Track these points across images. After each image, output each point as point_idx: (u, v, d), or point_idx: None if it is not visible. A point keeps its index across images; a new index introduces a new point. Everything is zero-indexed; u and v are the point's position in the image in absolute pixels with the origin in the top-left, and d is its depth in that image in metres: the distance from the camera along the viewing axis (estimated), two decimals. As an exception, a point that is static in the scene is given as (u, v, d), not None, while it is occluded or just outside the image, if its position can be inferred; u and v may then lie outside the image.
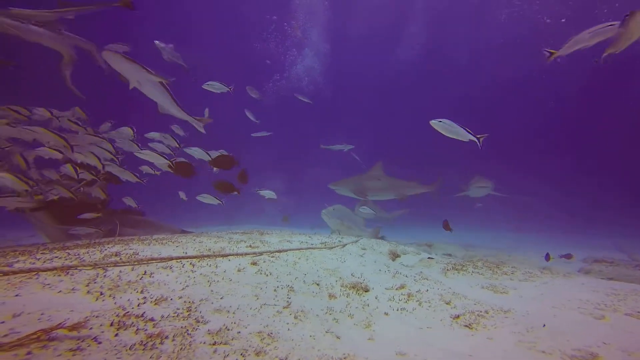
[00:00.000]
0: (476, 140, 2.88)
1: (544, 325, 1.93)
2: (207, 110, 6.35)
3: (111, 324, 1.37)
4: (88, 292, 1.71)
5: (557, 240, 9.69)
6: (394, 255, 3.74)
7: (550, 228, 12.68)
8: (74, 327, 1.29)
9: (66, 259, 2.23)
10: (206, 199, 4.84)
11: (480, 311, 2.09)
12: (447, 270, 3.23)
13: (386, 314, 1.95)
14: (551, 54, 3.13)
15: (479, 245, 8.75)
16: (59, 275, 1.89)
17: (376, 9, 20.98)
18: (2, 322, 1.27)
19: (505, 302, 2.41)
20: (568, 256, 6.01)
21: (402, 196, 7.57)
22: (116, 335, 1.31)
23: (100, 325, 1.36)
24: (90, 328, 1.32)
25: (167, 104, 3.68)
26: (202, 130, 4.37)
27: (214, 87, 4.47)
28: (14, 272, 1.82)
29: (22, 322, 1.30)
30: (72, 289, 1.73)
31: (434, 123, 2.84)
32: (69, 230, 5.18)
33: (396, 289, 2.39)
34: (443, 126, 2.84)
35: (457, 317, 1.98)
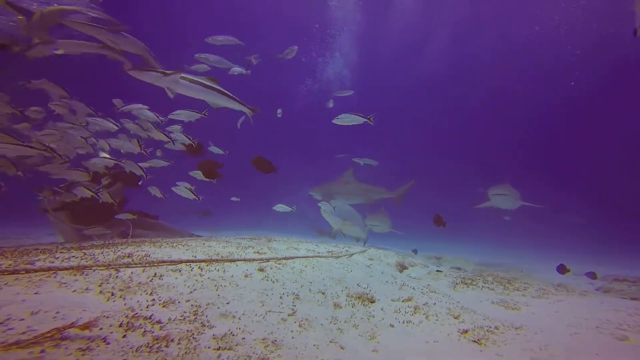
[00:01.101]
0: (367, 121, 3.49)
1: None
2: (279, 110, 6.48)
3: (120, 325, 1.42)
4: (100, 292, 1.77)
5: (575, 258, 9.22)
6: (402, 267, 3.67)
7: (567, 245, 12.10)
8: (85, 327, 1.34)
9: (82, 259, 2.33)
10: (182, 191, 4.42)
11: (490, 327, 2.02)
12: (456, 284, 3.14)
13: (392, 326, 1.91)
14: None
15: (491, 259, 8.44)
16: (75, 275, 1.97)
17: (403, 27, 21.39)
18: (22, 320, 1.34)
19: (516, 318, 2.31)
20: (592, 275, 5.52)
21: (370, 200, 7.70)
22: (124, 336, 1.34)
23: (110, 325, 1.40)
24: (100, 328, 1.37)
25: (209, 97, 3.47)
26: (250, 118, 4.00)
27: (182, 115, 4.15)
28: (35, 270, 1.92)
29: (39, 320, 1.37)
30: (86, 289, 1.80)
31: (336, 121, 3.46)
32: (82, 230, 5.36)
33: (403, 301, 2.35)
34: (343, 120, 3.44)
35: (466, 332, 1.92)
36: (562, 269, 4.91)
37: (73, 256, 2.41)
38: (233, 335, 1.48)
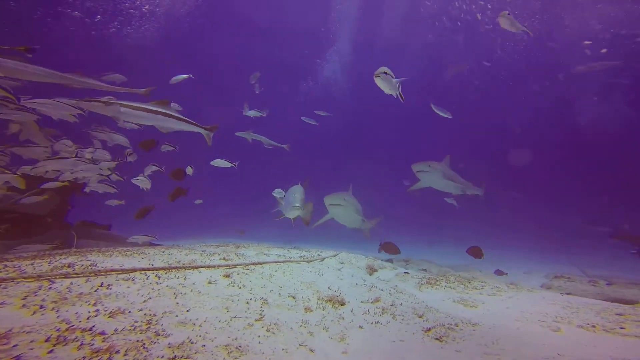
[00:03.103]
0: (233, 165, 4.59)
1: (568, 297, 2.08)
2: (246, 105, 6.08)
3: (47, 340, 1.21)
4: (23, 305, 1.49)
5: (522, 256, 10.30)
6: (372, 270, 3.75)
7: (517, 244, 13.42)
8: None
9: (1, 272, 1.95)
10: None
11: (451, 324, 2.14)
12: (422, 284, 3.29)
13: (361, 327, 1.92)
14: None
15: (457, 261, 9.01)
16: (-13, 289, 1.64)
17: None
18: None
19: (474, 315, 2.49)
20: (499, 272, 5.93)
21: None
22: (50, 351, 1.14)
23: (30, 341, 1.19)
24: (14, 345, 1.15)
25: (156, 122, 3.28)
26: (209, 143, 3.86)
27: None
28: None
29: None
30: (1, 303, 1.50)
31: (213, 163, 4.49)
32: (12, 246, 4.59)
33: (371, 303, 2.38)
34: (217, 163, 4.56)
35: (429, 330, 2.01)
36: (475, 252, 5.18)
37: (-11, 268, 2.01)
38: (192, 343, 1.34)
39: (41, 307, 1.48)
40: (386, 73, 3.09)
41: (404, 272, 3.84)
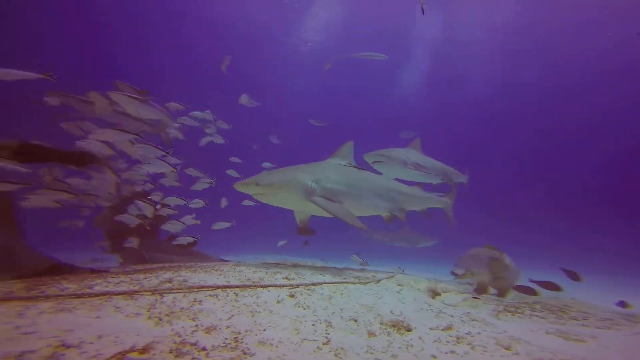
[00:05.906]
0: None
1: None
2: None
3: (170, 351, 1.50)
4: (149, 317, 1.90)
5: (616, 283, 7.88)
6: (434, 293, 3.46)
7: (604, 268, 10.43)
8: (142, 351, 1.45)
9: (130, 284, 2.53)
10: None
11: (551, 361, 1.81)
12: (499, 312, 2.87)
13: (434, 356, 1.79)
14: None
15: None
16: (126, 300, 2.16)
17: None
18: (91, 343, 1.49)
19: (584, 351, 2.05)
20: (623, 304, 4.19)
21: None
22: None
23: (161, 351, 1.49)
24: (154, 354, 1.47)
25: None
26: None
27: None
28: (96, 295, 2.14)
29: (103, 344, 1.51)
30: (136, 314, 1.94)
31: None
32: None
33: (442, 330, 2.20)
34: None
35: (520, 368, 1.74)
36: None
37: (122, 281, 2.63)
38: (273, 363, 1.49)
39: (160, 319, 1.87)
40: None
41: (473, 297, 3.42)
